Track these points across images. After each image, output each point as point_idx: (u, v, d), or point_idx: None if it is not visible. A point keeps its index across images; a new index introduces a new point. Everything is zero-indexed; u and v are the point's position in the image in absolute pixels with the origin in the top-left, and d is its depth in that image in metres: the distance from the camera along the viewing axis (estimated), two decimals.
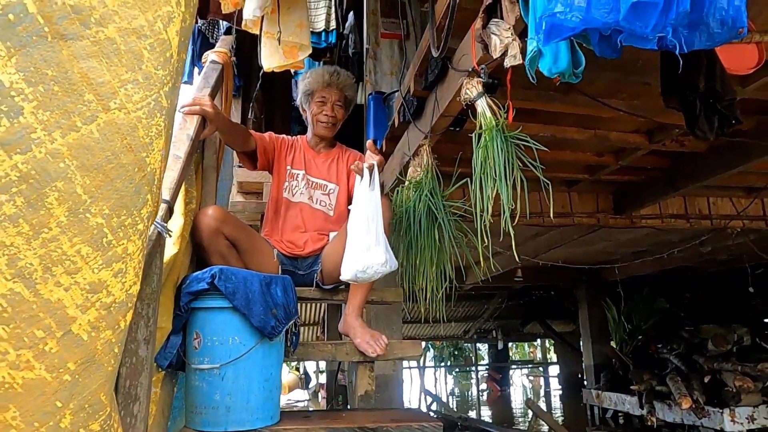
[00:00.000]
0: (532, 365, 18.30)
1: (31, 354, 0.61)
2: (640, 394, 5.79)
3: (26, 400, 0.61)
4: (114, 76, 0.63)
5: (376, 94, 3.79)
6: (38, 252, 0.60)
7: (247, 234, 2.20)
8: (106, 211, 0.64)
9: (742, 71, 1.97)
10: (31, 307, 0.60)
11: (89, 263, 0.64)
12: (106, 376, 0.68)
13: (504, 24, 1.60)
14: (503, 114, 1.88)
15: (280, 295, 1.81)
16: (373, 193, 2.01)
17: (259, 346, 1.74)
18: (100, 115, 0.62)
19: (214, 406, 1.69)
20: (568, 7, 1.05)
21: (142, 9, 0.64)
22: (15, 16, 0.57)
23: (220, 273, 1.72)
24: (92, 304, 0.64)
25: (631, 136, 3.09)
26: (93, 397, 0.67)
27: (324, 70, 2.49)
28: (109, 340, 0.67)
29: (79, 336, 0.64)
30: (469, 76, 1.93)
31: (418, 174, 2.55)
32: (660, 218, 4.16)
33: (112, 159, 0.63)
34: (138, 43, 0.64)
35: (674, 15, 0.92)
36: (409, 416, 1.94)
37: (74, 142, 0.60)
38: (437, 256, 2.36)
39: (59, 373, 0.63)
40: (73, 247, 0.62)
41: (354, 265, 1.97)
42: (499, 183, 1.79)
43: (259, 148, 2.42)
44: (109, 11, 0.62)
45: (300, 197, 2.45)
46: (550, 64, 1.32)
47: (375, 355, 2.06)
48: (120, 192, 0.65)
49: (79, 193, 0.62)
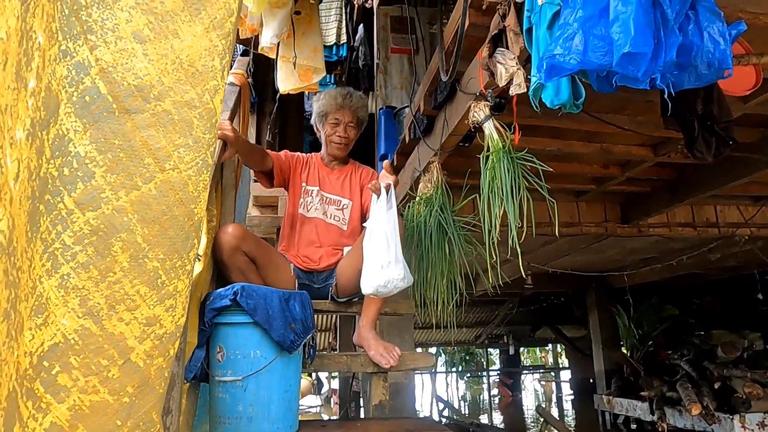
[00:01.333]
0: (543, 370, 18.27)
1: (97, 380, 0.70)
2: (651, 400, 5.82)
3: (92, 419, 0.71)
4: (169, 141, 0.73)
5: (387, 109, 3.89)
6: (104, 293, 0.70)
7: (265, 250, 2.30)
8: (161, 255, 0.74)
9: (740, 93, 2.05)
10: (98, 340, 0.70)
11: (146, 301, 0.73)
12: (158, 397, 0.78)
13: (509, 54, 1.69)
14: (510, 135, 1.96)
15: (298, 311, 1.90)
16: (390, 212, 2.10)
17: (279, 359, 1.83)
18: (158, 175, 0.72)
19: (237, 417, 1.78)
20: (566, 50, 1.14)
21: (192, 84, 0.74)
22: (90, 98, 0.67)
23: (242, 290, 1.81)
24: (148, 335, 0.74)
25: (636, 149, 3.16)
26: (147, 416, 0.77)
27: (337, 93, 2.58)
28: (161, 366, 0.76)
29: (136, 363, 0.73)
30: (476, 99, 2.02)
31: (428, 190, 2.64)
32: (667, 226, 4.22)
33: (166, 212, 0.74)
34: (189, 113, 0.74)
35: (662, 62, 1.01)
36: (423, 426, 2.02)
37: (136, 199, 0.70)
38: (447, 268, 2.44)
39: (119, 396, 0.73)
40: (133, 287, 0.72)
41: (375, 280, 2.05)
42: (506, 202, 1.88)
43: (276, 167, 2.52)
44: (166, 88, 0.72)
45: (315, 213, 2.55)
46: (552, 96, 1.40)
47: (388, 366, 2.14)
48: (172, 239, 0.75)
49: (139, 242, 0.72)
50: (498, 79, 1.70)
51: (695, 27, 1.06)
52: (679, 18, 1.04)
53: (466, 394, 17.15)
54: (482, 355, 16.80)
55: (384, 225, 2.08)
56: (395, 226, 2.09)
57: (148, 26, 0.70)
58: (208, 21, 0.74)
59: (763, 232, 4.25)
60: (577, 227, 4.14)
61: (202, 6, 0.74)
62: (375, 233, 2.08)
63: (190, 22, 0.73)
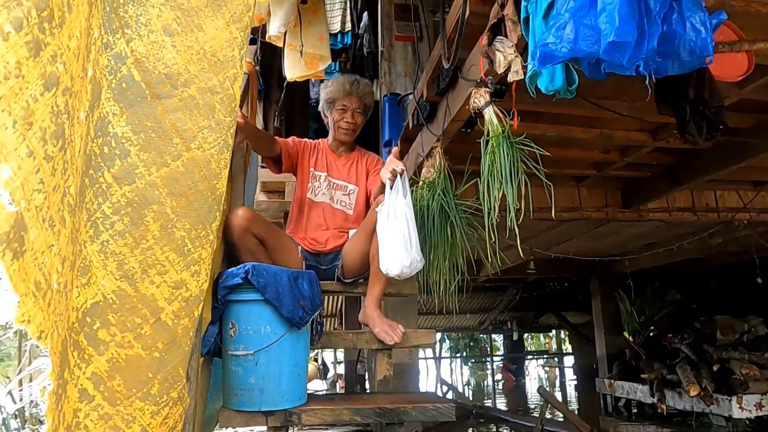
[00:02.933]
0: (547, 356, 18.40)
1: (132, 336, 0.79)
2: (651, 383, 5.92)
3: (128, 371, 0.80)
4: (194, 123, 0.81)
5: (391, 96, 3.96)
6: (138, 258, 0.79)
7: (274, 232, 2.39)
8: (187, 225, 0.83)
9: (732, 78, 2.11)
10: (132, 300, 0.79)
11: (174, 266, 0.82)
12: (184, 354, 0.87)
13: (508, 42, 1.76)
14: (509, 121, 2.04)
15: (306, 289, 1.99)
16: (408, 197, 2.16)
17: (289, 334, 1.92)
18: (184, 153, 0.80)
19: (250, 388, 1.88)
20: (558, 39, 1.21)
21: (215, 72, 0.82)
22: (126, 85, 0.76)
23: (253, 269, 1.91)
24: (176, 297, 0.83)
25: (635, 134, 3.23)
26: (174, 371, 0.86)
27: (345, 80, 2.65)
28: (187, 326, 0.85)
29: (165, 322, 0.82)
30: (477, 86, 2.10)
31: (431, 174, 2.72)
32: (668, 211, 4.28)
33: (192, 186, 0.82)
34: (212, 98, 0.82)
35: (645, 50, 1.08)
36: (425, 398, 2.12)
37: (165, 174, 0.79)
38: (450, 251, 2.53)
39: (151, 351, 0.82)
40: (163, 254, 0.81)
41: (402, 260, 2.10)
42: (505, 185, 1.96)
43: (284, 153, 2.60)
44: (192, 75, 0.80)
45: (322, 197, 2.63)
46: (546, 83, 1.48)
47: (392, 342, 2.23)
48: (197, 211, 0.83)
49: (168, 213, 0.80)
50: (497, 66, 1.77)
51: (678, 17, 1.13)
52: (663, 8, 1.11)
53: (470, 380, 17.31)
54: (486, 341, 16.94)
55: (404, 209, 2.14)
56: (411, 212, 2.17)
57: (176, 21, 0.78)
58: (228, 15, 0.82)
59: (762, 216, 4.31)
60: (578, 212, 4.21)
61: (223, 2, 0.82)
62: (396, 216, 2.14)
63: (212, 17, 0.81)
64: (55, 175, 0.50)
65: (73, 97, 0.54)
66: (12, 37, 0.40)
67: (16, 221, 0.44)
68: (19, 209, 0.44)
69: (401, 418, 1.93)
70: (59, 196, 0.53)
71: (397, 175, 2.14)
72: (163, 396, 0.85)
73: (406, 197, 2.14)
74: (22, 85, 0.41)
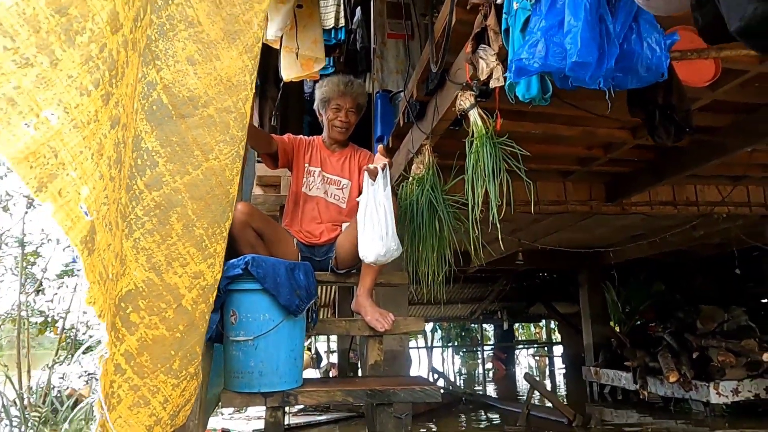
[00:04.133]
0: (537, 345, 18.67)
1: (158, 319, 0.92)
2: (634, 370, 6.13)
3: (154, 349, 0.93)
4: (212, 138, 0.94)
5: (383, 92, 4.08)
6: (164, 252, 0.92)
7: (271, 226, 2.52)
8: (206, 225, 0.96)
9: (700, 84, 2.26)
10: (158, 288, 0.92)
11: (194, 259, 0.96)
12: (200, 335, 1.00)
13: (490, 50, 1.90)
14: (492, 122, 2.18)
15: (302, 279, 2.13)
16: (387, 189, 2.31)
17: (286, 321, 2.06)
18: (203, 163, 0.94)
19: (249, 372, 2.02)
20: (531, 55, 1.35)
21: (229, 95, 0.95)
22: (156, 107, 0.89)
23: (253, 260, 2.04)
24: (194, 286, 0.96)
25: (616, 132, 3.38)
26: (192, 349, 0.99)
27: (340, 80, 2.78)
28: (203, 311, 0.99)
29: (185, 307, 0.96)
30: (463, 89, 2.23)
31: (420, 170, 2.86)
32: (649, 205, 4.44)
33: (210, 191, 0.95)
34: (227, 117, 0.95)
35: (604, 69, 1.22)
36: (413, 381, 2.27)
37: (188, 181, 0.92)
38: (438, 244, 2.67)
39: (173, 332, 0.95)
40: (185, 249, 0.94)
41: (376, 249, 2.25)
42: (488, 182, 2.10)
43: (280, 150, 2.73)
44: (210, 98, 0.93)
45: (316, 192, 2.77)
46: (523, 91, 1.61)
47: (383, 329, 2.38)
48: (214, 212, 0.97)
49: (189, 214, 0.93)
50: (480, 73, 1.91)
51: (637, 37, 1.26)
52: (623, 30, 1.25)
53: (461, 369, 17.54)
54: (477, 331, 17.16)
55: (383, 201, 2.29)
56: (390, 204, 2.31)
57: (198, 52, 0.91)
58: (241, 47, 0.95)
59: (740, 210, 4.48)
60: (564, 205, 4.37)
61: (237, 36, 0.94)
62: (374, 208, 2.29)
63: (228, 48, 0.94)
64: (114, 191, 0.63)
65: (126, 129, 0.67)
66: (93, 93, 0.52)
67: (90, 228, 0.56)
68: (92, 218, 0.56)
69: (390, 399, 2.08)
70: (115, 206, 0.66)
71: (379, 170, 2.28)
72: (183, 371, 0.99)
73: (385, 190, 2.28)
74: (97, 127, 0.54)
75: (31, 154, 0.47)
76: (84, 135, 0.51)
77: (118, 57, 0.58)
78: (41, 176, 0.47)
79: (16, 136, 0.46)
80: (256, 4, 0.98)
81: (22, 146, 0.46)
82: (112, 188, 0.61)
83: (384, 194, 2.28)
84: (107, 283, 0.66)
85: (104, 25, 0.54)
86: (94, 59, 0.53)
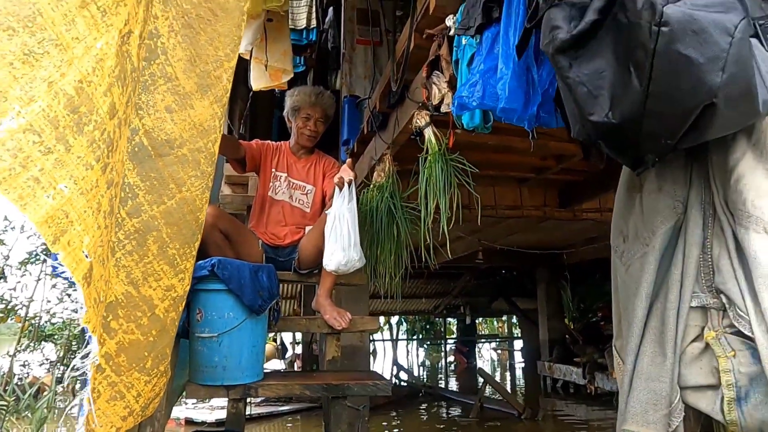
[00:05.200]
0: (498, 339, 19.14)
1: (134, 325, 1.08)
2: (584, 366, 6.46)
3: (130, 351, 1.08)
4: (185, 173, 1.10)
5: (351, 98, 4.23)
6: (141, 269, 1.07)
7: (238, 228, 2.67)
8: (177, 246, 1.11)
9: None
10: (135, 299, 1.07)
11: (167, 275, 1.11)
12: (170, 338, 1.16)
13: (443, 77, 2.08)
14: (445, 140, 2.36)
15: (265, 281, 2.29)
16: (351, 203, 2.47)
17: (249, 320, 2.22)
18: (177, 194, 1.09)
19: (214, 366, 2.18)
20: (470, 94, 1.54)
21: (201, 137, 1.11)
22: (138, 149, 1.03)
23: (219, 263, 2.19)
24: (167, 297, 1.11)
25: (566, 145, 3.60)
26: (162, 350, 1.15)
27: (311, 91, 2.93)
28: (173, 318, 1.14)
29: (158, 315, 1.11)
30: (419, 109, 2.41)
31: (381, 178, 3.03)
32: (599, 211, 4.71)
33: (182, 218, 1.11)
34: (198, 155, 1.11)
35: (528, 114, 1.41)
36: (366, 376, 2.46)
37: (163, 210, 1.07)
38: (395, 248, 2.86)
39: (147, 336, 1.10)
40: (159, 266, 1.10)
41: (338, 259, 2.41)
42: (439, 196, 2.29)
43: (248, 156, 2.87)
44: (184, 140, 1.08)
45: (282, 196, 2.92)
46: (467, 120, 1.80)
47: (340, 327, 2.56)
48: (185, 235, 1.12)
49: (164, 237, 1.09)
50: (432, 98, 2.09)
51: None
52: (548, 78, 1.44)
53: (425, 361, 17.88)
54: (441, 324, 17.51)
55: (346, 214, 2.45)
56: (355, 216, 2.48)
57: (174, 102, 1.06)
58: (212, 97, 1.11)
59: None
60: (519, 210, 4.60)
61: (208, 88, 1.10)
62: (339, 220, 2.45)
63: (201, 99, 1.09)
64: (107, 235, 0.77)
65: (117, 186, 0.82)
66: (95, 166, 0.67)
67: (89, 266, 0.71)
68: (91, 260, 0.71)
69: (344, 392, 2.26)
70: (107, 245, 0.80)
71: (345, 183, 2.45)
72: (154, 369, 1.14)
73: (350, 204, 2.45)
74: (97, 191, 0.68)
75: (49, 218, 0.61)
76: (87, 198, 0.66)
77: (114, 135, 0.72)
78: (55, 232, 0.62)
79: (40, 206, 0.60)
80: (225, 62, 1.13)
81: (44, 213, 0.60)
82: (105, 234, 0.76)
83: (347, 207, 2.44)
84: (99, 305, 0.81)
85: (105, 115, 0.68)
86: (97, 141, 0.67)
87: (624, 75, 0.77)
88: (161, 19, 1.00)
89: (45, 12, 0.61)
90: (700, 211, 0.86)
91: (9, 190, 0.57)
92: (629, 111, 0.76)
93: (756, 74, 0.72)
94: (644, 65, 0.72)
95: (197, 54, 1.08)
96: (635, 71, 0.75)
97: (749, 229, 0.75)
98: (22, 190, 0.58)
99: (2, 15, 0.58)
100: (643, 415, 0.84)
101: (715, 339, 0.78)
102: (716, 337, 0.78)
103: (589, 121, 0.83)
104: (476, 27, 1.59)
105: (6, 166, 0.57)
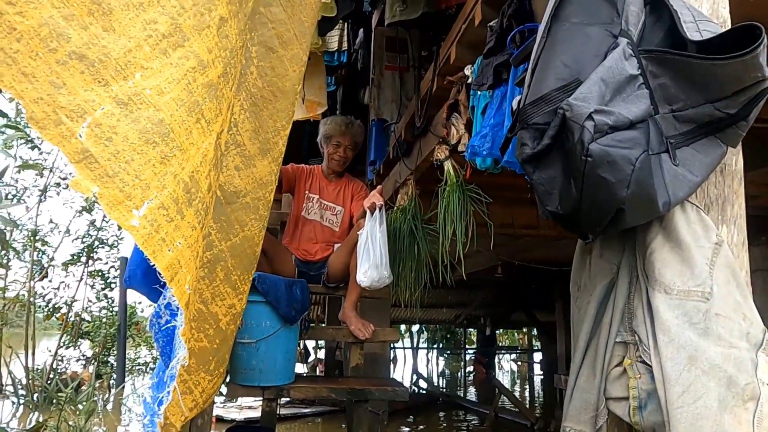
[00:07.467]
0: (518, 351, 19.20)
1: (203, 335, 1.36)
2: None
3: (198, 356, 1.37)
4: (247, 217, 1.38)
5: (379, 120, 4.51)
6: (211, 291, 1.36)
7: (274, 244, 2.97)
8: (239, 273, 1.40)
9: None
10: (205, 315, 1.36)
11: (229, 296, 1.39)
12: (229, 346, 1.44)
13: (461, 119, 2.34)
14: (463, 172, 2.62)
15: (298, 294, 2.57)
16: (383, 226, 2.73)
17: (283, 328, 2.50)
18: (240, 233, 1.37)
19: (252, 369, 2.46)
20: (481, 144, 1.80)
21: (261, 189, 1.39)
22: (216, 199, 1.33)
23: (259, 278, 2.47)
24: (228, 313, 1.40)
25: None
26: (223, 356, 1.43)
27: (342, 121, 3.22)
28: (233, 329, 1.43)
29: (221, 327, 1.39)
30: (439, 143, 2.67)
31: (404, 201, 3.30)
32: None
33: (243, 251, 1.39)
34: (258, 203, 1.39)
35: None
36: (386, 383, 2.73)
37: (229, 245, 1.36)
38: (416, 266, 3.12)
39: (212, 344, 1.39)
40: (224, 289, 1.38)
41: (372, 276, 2.66)
42: (456, 224, 2.54)
43: (285, 179, 3.17)
44: (247, 191, 1.37)
45: (314, 216, 3.21)
46: (480, 162, 2.06)
47: (364, 338, 2.83)
48: (245, 265, 1.40)
49: (229, 267, 1.37)
50: (451, 137, 2.35)
51: None
52: None
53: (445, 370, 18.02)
54: (461, 334, 17.65)
55: (378, 236, 2.71)
56: (386, 238, 2.74)
57: (242, 162, 1.34)
58: (270, 158, 1.39)
59: None
60: (536, 230, 4.83)
61: (268, 151, 1.39)
62: (372, 241, 2.70)
63: (261, 159, 1.38)
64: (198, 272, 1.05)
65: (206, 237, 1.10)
66: (196, 227, 0.95)
67: (188, 297, 1.00)
68: (190, 292, 1.00)
69: (366, 397, 2.53)
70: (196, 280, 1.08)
71: (376, 208, 2.71)
72: (216, 371, 1.42)
73: (381, 226, 2.71)
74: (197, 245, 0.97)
75: (169, 264, 0.89)
76: (191, 250, 0.92)
77: (209, 204, 1.00)
78: (171, 274, 0.89)
79: (165, 257, 0.86)
80: (281, 131, 1.42)
81: (167, 262, 0.89)
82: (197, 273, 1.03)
83: (380, 230, 2.71)
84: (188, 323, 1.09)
85: (205, 191, 0.95)
86: (199, 211, 0.94)
87: (567, 183, 1.05)
88: (235, 100, 1.29)
89: (175, 129, 0.88)
90: (628, 274, 1.15)
91: (146, 248, 0.85)
92: (570, 208, 1.06)
93: (660, 182, 1.00)
94: (579, 180, 1.01)
95: (260, 125, 1.36)
96: (573, 183, 1.03)
97: (655, 290, 1.04)
98: (154, 247, 0.85)
99: (150, 134, 0.86)
100: (577, 416, 1.13)
101: (630, 365, 1.07)
102: (631, 364, 1.07)
103: (546, 209, 1.13)
104: (488, 85, 1.85)
105: (146, 232, 0.84)
